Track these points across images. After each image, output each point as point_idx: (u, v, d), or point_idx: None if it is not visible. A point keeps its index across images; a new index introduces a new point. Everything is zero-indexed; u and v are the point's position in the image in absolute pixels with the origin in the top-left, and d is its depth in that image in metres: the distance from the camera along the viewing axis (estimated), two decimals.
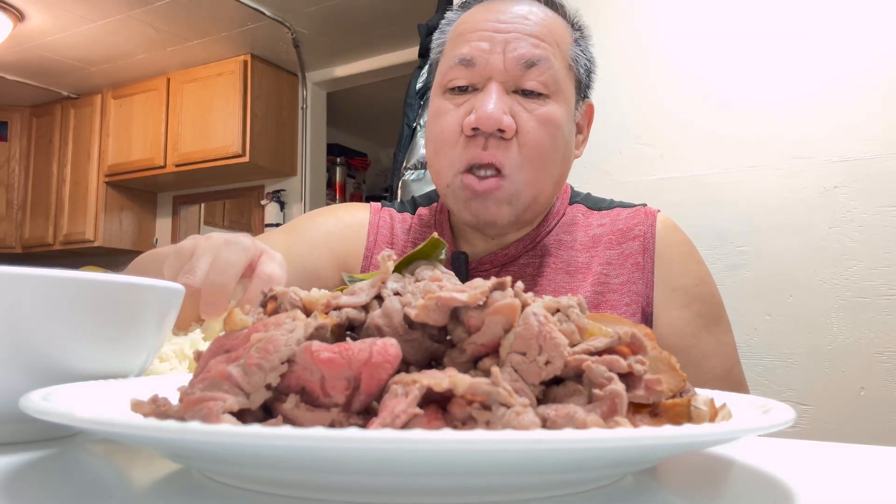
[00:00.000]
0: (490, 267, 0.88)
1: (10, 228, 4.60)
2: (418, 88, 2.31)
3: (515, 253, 0.88)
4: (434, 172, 0.86)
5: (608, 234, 0.88)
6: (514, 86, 0.81)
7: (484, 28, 0.82)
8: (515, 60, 0.80)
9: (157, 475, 0.34)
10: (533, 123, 0.80)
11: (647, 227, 0.87)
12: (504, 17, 0.83)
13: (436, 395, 0.29)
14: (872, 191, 1.48)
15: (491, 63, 0.80)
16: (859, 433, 1.44)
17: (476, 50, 0.81)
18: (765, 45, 1.62)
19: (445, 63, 0.85)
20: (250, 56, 3.84)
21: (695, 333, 0.84)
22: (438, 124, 0.83)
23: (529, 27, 0.82)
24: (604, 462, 0.28)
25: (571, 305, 0.34)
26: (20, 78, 4.18)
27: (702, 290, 0.86)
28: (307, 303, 0.35)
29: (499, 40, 0.81)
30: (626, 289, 0.84)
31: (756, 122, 1.61)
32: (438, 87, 0.86)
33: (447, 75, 0.84)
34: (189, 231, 4.62)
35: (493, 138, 0.79)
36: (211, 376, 0.30)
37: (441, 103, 0.84)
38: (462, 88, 0.83)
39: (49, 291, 0.37)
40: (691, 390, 0.35)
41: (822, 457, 0.44)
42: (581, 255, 0.87)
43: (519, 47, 0.80)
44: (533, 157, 0.80)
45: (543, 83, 0.81)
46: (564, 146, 0.84)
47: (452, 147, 0.82)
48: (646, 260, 0.85)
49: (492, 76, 0.80)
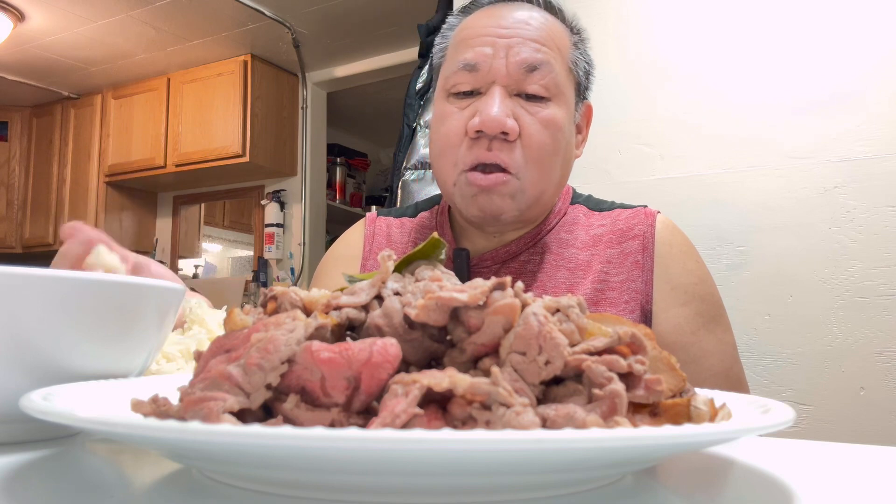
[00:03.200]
0: (491, 263, 0.89)
1: (10, 228, 4.60)
2: (418, 88, 2.31)
3: (516, 250, 0.89)
4: (439, 173, 0.88)
5: (608, 234, 0.90)
6: (516, 89, 0.83)
7: (486, 33, 0.84)
8: (518, 65, 0.82)
9: (157, 475, 0.34)
10: (536, 126, 0.82)
11: (647, 226, 0.89)
12: (505, 22, 0.85)
13: (436, 395, 0.29)
14: (872, 191, 1.48)
15: (494, 68, 0.82)
16: (859, 433, 1.44)
17: (479, 55, 0.83)
18: (765, 45, 1.62)
19: (449, 68, 0.87)
20: (250, 56, 3.84)
21: (694, 331, 0.85)
22: (443, 127, 0.85)
23: (531, 32, 0.84)
24: (604, 462, 0.28)
25: (571, 305, 0.34)
26: (20, 78, 4.18)
27: (701, 289, 0.87)
28: (307, 303, 0.35)
29: (501, 45, 0.83)
30: (625, 286, 0.85)
31: (756, 122, 1.61)
32: (442, 90, 0.88)
33: (451, 80, 0.85)
34: (189, 231, 4.63)
35: (496, 140, 0.81)
36: (211, 376, 0.30)
37: (445, 107, 0.86)
38: (466, 93, 0.85)
39: (49, 291, 0.37)
40: (691, 390, 0.35)
41: (822, 457, 0.44)
42: (581, 254, 0.89)
43: (521, 52, 0.82)
44: (536, 158, 0.83)
45: (545, 86, 0.83)
46: (566, 147, 0.86)
47: (457, 148, 0.84)
48: (645, 259, 0.87)
49: (495, 80, 0.82)
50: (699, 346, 0.84)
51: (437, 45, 0.93)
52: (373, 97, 4.40)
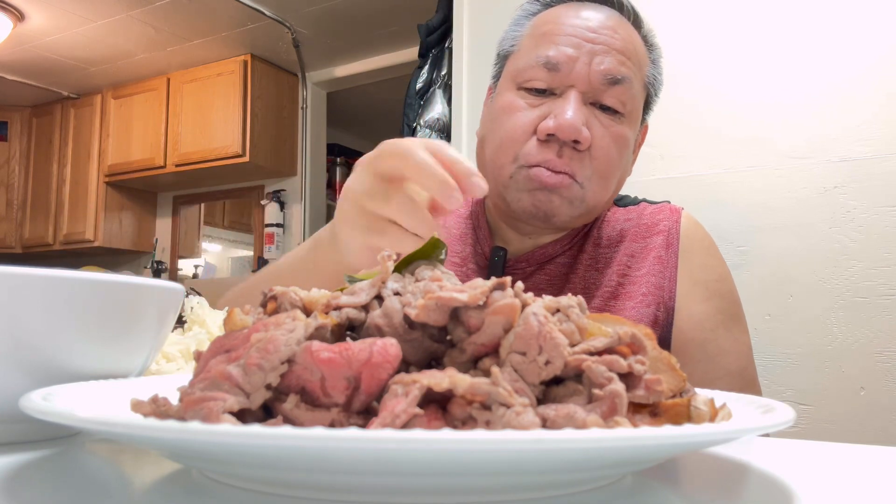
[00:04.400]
0: (526, 265, 0.88)
1: (10, 228, 4.60)
2: (418, 88, 2.31)
3: (553, 252, 0.88)
4: (492, 163, 0.84)
5: (633, 228, 0.90)
6: (592, 98, 0.80)
7: (572, 33, 0.81)
8: (601, 74, 0.79)
9: (157, 475, 0.34)
10: (607, 139, 0.80)
11: (673, 222, 0.89)
12: (593, 24, 0.82)
13: (436, 395, 0.29)
14: (872, 191, 1.48)
15: (575, 71, 0.79)
16: (859, 433, 1.44)
17: (562, 55, 0.80)
18: (765, 44, 1.62)
19: (524, 59, 0.83)
20: (250, 56, 3.84)
21: (713, 328, 0.85)
22: (510, 120, 0.82)
23: (617, 42, 0.81)
24: (604, 462, 0.28)
25: (571, 305, 0.34)
26: (20, 78, 4.18)
27: (721, 287, 0.88)
28: (307, 303, 0.35)
29: (586, 49, 0.80)
30: (644, 280, 0.85)
31: (756, 122, 1.61)
32: (511, 81, 0.84)
33: (526, 73, 0.82)
34: (189, 231, 4.63)
35: (567, 147, 0.79)
36: (211, 376, 0.30)
37: (514, 99, 0.83)
38: (539, 90, 0.82)
39: (49, 291, 0.37)
40: (691, 390, 0.35)
41: (822, 457, 0.44)
42: (608, 251, 0.89)
43: (605, 61, 0.80)
44: (602, 172, 0.81)
45: (622, 102, 0.81)
46: (626, 165, 0.86)
47: (520, 145, 0.81)
48: (669, 255, 0.86)
49: (574, 85, 0.80)
50: (716, 344, 0.84)
51: (508, 31, 0.89)
52: (373, 97, 4.40)
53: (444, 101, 2.27)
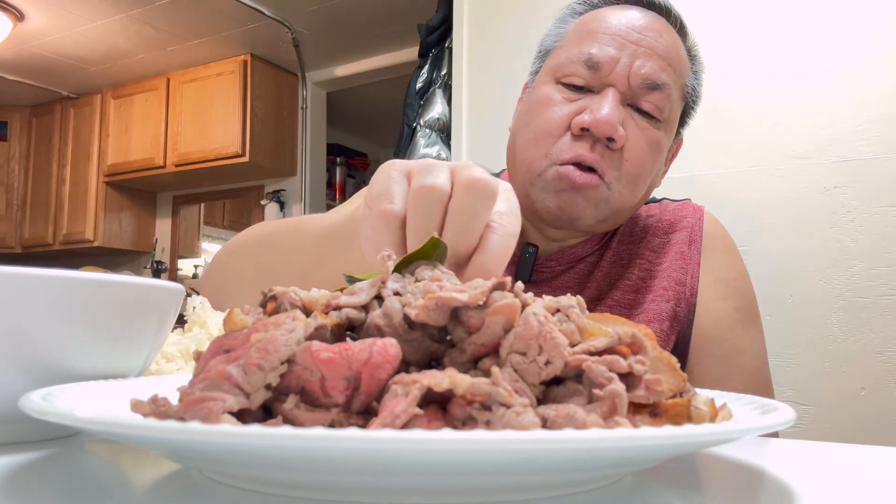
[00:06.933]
0: (556, 265, 0.88)
1: (10, 228, 4.60)
2: (418, 88, 2.31)
3: (581, 253, 0.88)
4: (522, 157, 0.83)
5: (656, 224, 0.90)
6: (630, 100, 0.80)
7: (616, 33, 0.81)
8: (641, 78, 0.79)
9: (157, 475, 0.34)
10: (641, 141, 0.80)
11: (696, 220, 0.90)
12: (639, 25, 0.81)
13: (436, 395, 0.29)
14: (872, 191, 1.48)
15: (616, 71, 0.79)
16: (859, 433, 1.44)
17: (605, 54, 0.79)
18: (764, 44, 1.62)
19: (566, 55, 0.83)
20: (250, 56, 3.84)
21: (731, 326, 0.85)
22: (545, 113, 0.81)
23: (661, 47, 0.81)
24: (604, 462, 0.28)
25: (571, 305, 0.34)
26: (20, 78, 4.18)
27: (740, 286, 0.88)
28: (307, 303, 0.35)
29: (628, 50, 0.80)
30: (665, 274, 0.86)
31: (756, 122, 1.61)
32: (550, 75, 0.84)
33: (566, 68, 0.82)
34: (189, 231, 4.63)
35: (599, 144, 0.78)
36: (211, 376, 0.30)
37: (551, 93, 0.82)
38: (577, 86, 0.81)
39: (49, 291, 0.37)
40: (691, 390, 0.35)
41: (822, 457, 0.44)
42: (632, 247, 0.89)
43: (647, 65, 0.79)
44: (632, 174, 0.80)
45: (659, 108, 0.80)
46: (656, 172, 0.85)
47: (554, 140, 0.80)
48: (692, 251, 0.87)
49: (613, 84, 0.79)
50: (733, 342, 0.85)
51: (552, 28, 0.89)
52: (373, 97, 4.40)
53: (444, 100, 2.27)
